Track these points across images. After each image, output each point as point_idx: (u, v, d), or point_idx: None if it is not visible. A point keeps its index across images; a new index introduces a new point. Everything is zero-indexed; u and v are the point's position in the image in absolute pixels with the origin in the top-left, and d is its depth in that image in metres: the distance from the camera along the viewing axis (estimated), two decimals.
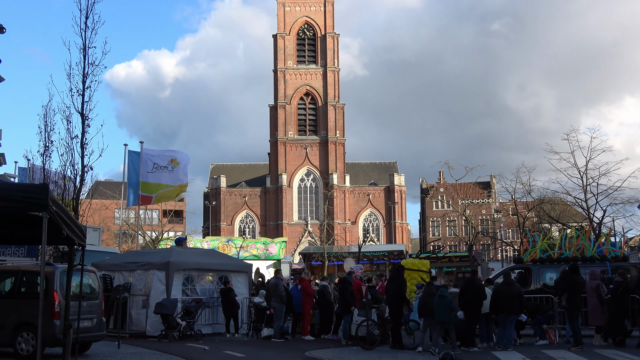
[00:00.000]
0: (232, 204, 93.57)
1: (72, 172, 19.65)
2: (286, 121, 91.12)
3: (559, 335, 18.23)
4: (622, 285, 17.51)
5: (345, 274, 22.35)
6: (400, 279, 17.61)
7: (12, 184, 7.86)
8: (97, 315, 15.44)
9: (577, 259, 20.42)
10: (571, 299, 16.67)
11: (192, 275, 21.36)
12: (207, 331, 20.73)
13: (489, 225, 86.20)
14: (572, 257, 20.78)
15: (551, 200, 49.22)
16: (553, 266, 20.45)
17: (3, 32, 20.78)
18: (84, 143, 18.96)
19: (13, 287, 15.34)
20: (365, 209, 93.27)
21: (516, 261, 23.42)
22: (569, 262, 20.18)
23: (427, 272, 21.42)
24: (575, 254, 20.99)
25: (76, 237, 9.46)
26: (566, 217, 50.59)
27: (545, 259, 21.16)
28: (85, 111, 18.86)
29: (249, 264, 25.04)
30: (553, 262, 20.82)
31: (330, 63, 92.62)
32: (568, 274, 17.11)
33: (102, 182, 73.41)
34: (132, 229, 57.07)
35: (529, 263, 21.15)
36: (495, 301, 16.93)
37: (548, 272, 19.90)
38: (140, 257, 22.50)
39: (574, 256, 20.82)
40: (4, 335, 14.19)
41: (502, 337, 16.74)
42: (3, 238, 12.61)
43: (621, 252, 21.85)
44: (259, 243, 42.39)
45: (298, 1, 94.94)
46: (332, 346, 17.99)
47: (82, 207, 22.57)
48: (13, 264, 18.75)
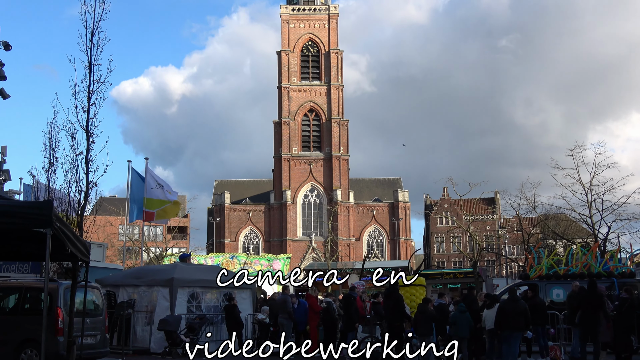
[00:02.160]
0: (236, 220, 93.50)
1: (76, 188, 19.68)
2: (290, 137, 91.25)
3: (564, 352, 18.11)
4: (627, 301, 17.43)
5: (348, 290, 22.27)
6: (395, 296, 17.55)
7: (16, 201, 7.88)
8: (100, 331, 15.43)
9: (584, 275, 20.32)
10: (585, 316, 16.53)
11: (196, 291, 21.33)
12: (212, 348, 20.65)
13: (494, 241, 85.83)
14: (579, 273, 20.69)
15: (556, 216, 49.10)
16: (560, 282, 20.36)
17: (9, 50, 20.87)
18: (88, 160, 19.01)
19: (17, 304, 15.34)
20: (370, 225, 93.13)
21: (522, 277, 23.30)
22: (576, 278, 20.13)
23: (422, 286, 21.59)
24: (582, 270, 20.90)
25: (80, 253, 9.47)
26: (571, 234, 50.44)
27: (552, 275, 21.07)
28: (90, 128, 18.92)
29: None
30: (559, 279, 20.73)
31: (334, 79, 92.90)
32: (586, 291, 16.95)
33: (107, 198, 73.42)
34: (136, 245, 57.12)
35: (536, 279, 21.05)
36: (500, 317, 16.84)
37: (555, 289, 19.81)
38: (144, 274, 22.49)
39: (580, 272, 20.73)
40: (7, 352, 14.18)
41: (507, 354, 16.62)
42: (7, 254, 12.63)
43: (628, 268, 21.76)
44: (263, 259, 42.35)
45: (302, 18, 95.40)
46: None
47: (87, 223, 22.57)
48: (17, 280, 18.75)
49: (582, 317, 16.68)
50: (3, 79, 21.23)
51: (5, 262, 23.23)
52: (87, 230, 23.34)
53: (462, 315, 16.49)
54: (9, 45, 21.05)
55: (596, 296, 16.69)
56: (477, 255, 51.61)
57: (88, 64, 18.91)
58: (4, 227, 7.86)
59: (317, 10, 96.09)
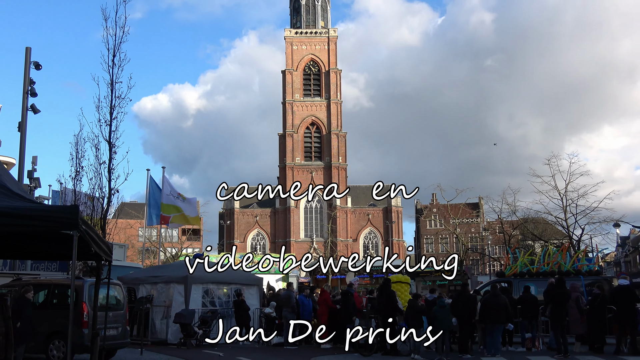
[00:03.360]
0: (245, 223, 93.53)
1: (100, 194, 19.65)
2: (293, 148, 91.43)
3: (542, 342, 18.09)
4: (599, 296, 17.41)
5: (346, 287, 22.26)
6: (388, 291, 17.53)
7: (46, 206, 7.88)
8: (122, 324, 15.41)
9: (554, 273, 20.36)
10: (555, 310, 16.52)
11: (209, 288, 21.33)
12: (222, 339, 20.64)
13: (478, 242, 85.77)
14: (549, 271, 20.76)
15: (534, 219, 49.14)
16: (531, 280, 20.42)
17: (39, 69, 20.95)
18: (110, 168, 18.96)
19: (46, 299, 15.35)
20: (366, 228, 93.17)
21: (498, 275, 23.42)
22: (547, 276, 20.20)
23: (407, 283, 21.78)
24: (552, 269, 20.95)
25: (103, 253, 9.47)
26: (548, 235, 50.44)
27: (525, 273, 21.15)
28: (112, 139, 18.89)
29: (260, 278, 24.96)
30: (532, 276, 20.81)
31: (334, 96, 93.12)
32: (554, 287, 16.97)
33: (127, 203, 73.36)
34: (154, 246, 57.09)
35: (511, 277, 21.11)
36: (483, 311, 16.85)
37: (529, 284, 19.83)
38: (162, 272, 22.49)
39: (551, 270, 20.79)
40: (38, 343, 14.15)
41: (490, 344, 16.62)
42: (38, 254, 12.63)
43: (594, 267, 21.79)
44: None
45: (304, 41, 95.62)
46: (335, 353, 17.87)
47: (109, 226, 22.56)
48: (46, 278, 18.74)
49: (552, 310, 16.69)
50: (34, 95, 21.30)
51: (35, 261, 23.26)
52: (109, 232, 23.34)
53: (442, 310, 16.47)
54: (39, 65, 21.14)
55: (563, 292, 16.69)
56: (463, 254, 51.74)
57: (110, 82, 18.89)
58: (34, 229, 7.86)
59: (318, 33, 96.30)
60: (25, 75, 20.85)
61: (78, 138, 21.23)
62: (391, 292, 17.76)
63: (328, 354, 17.59)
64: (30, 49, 20.97)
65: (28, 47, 21.05)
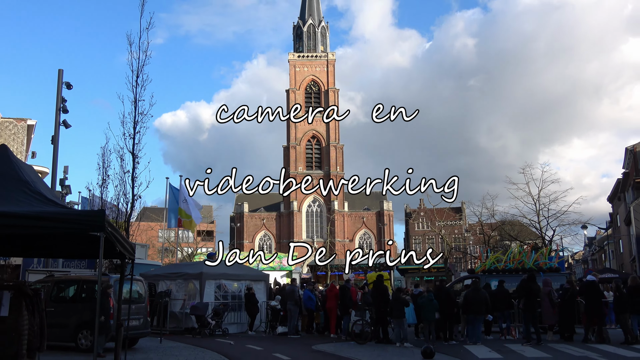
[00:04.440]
0: (253, 226, 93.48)
1: (124, 200, 19.61)
2: (296, 159, 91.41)
3: (518, 332, 18.04)
4: (569, 290, 17.39)
5: (344, 282, 22.23)
6: (381, 287, 17.51)
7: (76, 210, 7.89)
8: (143, 315, 15.38)
9: (519, 270, 20.44)
10: (527, 303, 16.48)
11: (221, 283, 21.31)
12: (233, 329, 20.60)
13: (461, 242, 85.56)
14: (514, 268, 20.86)
15: (511, 222, 49.13)
16: (497, 276, 20.42)
17: (70, 88, 20.97)
18: (134, 177, 18.88)
19: (75, 294, 15.31)
20: (360, 229, 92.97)
21: (469, 272, 23.61)
22: (511, 272, 20.35)
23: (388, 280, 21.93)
24: (517, 266, 21.02)
25: (127, 252, 9.45)
26: (523, 236, 50.39)
27: (492, 270, 21.24)
28: (135, 151, 18.82)
29: (267, 274, 24.94)
30: (498, 273, 20.85)
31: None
32: (526, 282, 16.95)
33: (149, 207, 73.23)
34: (172, 246, 56.92)
35: (480, 273, 21.15)
36: (465, 304, 16.83)
37: (493, 281, 19.85)
38: (179, 269, 22.49)
39: (515, 268, 20.87)
40: (68, 332, 14.14)
41: (472, 334, 16.58)
42: (68, 253, 12.61)
43: (554, 264, 21.80)
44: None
45: (306, 63, 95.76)
46: (334, 341, 17.82)
47: (132, 228, 22.49)
48: (76, 275, 18.72)
49: (524, 303, 16.67)
50: (65, 112, 21.31)
51: (66, 259, 23.24)
52: (132, 234, 23.25)
53: (429, 303, 16.46)
54: (70, 85, 21.16)
55: (533, 287, 16.65)
56: (447, 253, 51.63)
57: (134, 100, 18.84)
58: (65, 231, 7.84)
59: (318, 56, 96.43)
60: (58, 94, 20.89)
61: (105, 150, 21.21)
62: (384, 287, 17.74)
63: (327, 342, 17.53)
64: (62, 71, 21.01)
65: (60, 69, 21.09)
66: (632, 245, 41.32)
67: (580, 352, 13.92)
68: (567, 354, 13.70)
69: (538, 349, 14.66)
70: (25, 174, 8.38)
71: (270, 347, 15.85)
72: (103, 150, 21.37)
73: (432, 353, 12.72)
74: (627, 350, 14.18)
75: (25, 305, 8.10)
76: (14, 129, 33.65)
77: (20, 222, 7.26)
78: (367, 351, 14.71)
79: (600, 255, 69.44)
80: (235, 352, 14.64)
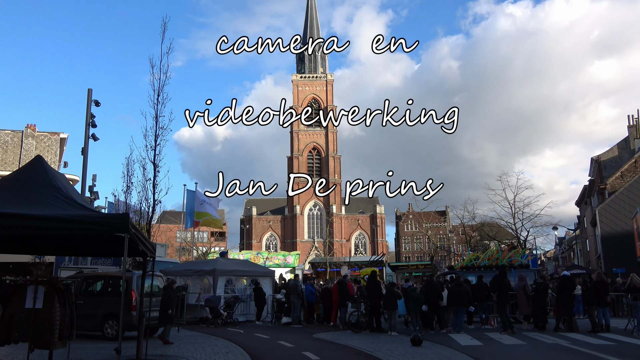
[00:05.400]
0: (260, 227, 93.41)
1: (146, 204, 19.64)
2: (299, 167, 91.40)
3: (496, 321, 17.98)
4: (542, 285, 17.34)
5: (341, 277, 22.18)
6: (375, 281, 17.46)
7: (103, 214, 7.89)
8: None
9: (493, 266, 20.46)
10: (500, 296, 16.48)
11: (231, 278, 21.25)
12: (242, 320, 20.53)
13: (445, 242, 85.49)
14: (488, 265, 20.89)
15: (489, 223, 49.11)
16: (473, 272, 20.43)
17: (99, 106, 20.99)
18: (154, 184, 18.94)
19: (102, 288, 15.29)
20: (356, 230, 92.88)
21: (449, 268, 23.70)
22: (486, 269, 20.44)
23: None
24: (491, 263, 21.06)
25: (148, 251, 9.44)
26: (501, 236, 50.36)
27: (470, 266, 21.30)
28: (156, 161, 18.88)
29: (272, 271, 24.91)
30: (475, 269, 20.89)
31: (331, 126, 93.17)
32: (498, 278, 16.92)
33: (168, 211, 73.19)
34: (189, 245, 56.87)
35: (458, 270, 21.17)
36: (449, 297, 16.79)
37: (469, 276, 19.82)
38: (194, 266, 22.44)
39: (490, 265, 20.89)
40: (96, 322, 14.11)
41: (455, 323, 16.52)
42: (96, 252, 12.59)
43: (525, 262, 21.78)
44: (279, 255, 42.13)
45: (307, 83, 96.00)
46: (332, 330, 17.75)
47: (153, 229, 22.50)
48: (102, 271, 18.68)
49: (497, 296, 16.64)
50: (94, 126, 21.32)
51: (94, 257, 23.20)
52: (153, 235, 23.26)
53: (416, 296, 16.48)
54: (98, 102, 21.17)
55: (505, 282, 16.61)
56: (433, 252, 51.59)
57: (155, 116, 18.92)
58: (93, 232, 7.84)
59: (318, 77, 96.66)
60: (87, 111, 20.91)
61: (129, 160, 21.36)
62: (377, 281, 17.69)
63: (327, 331, 17.47)
64: (91, 90, 21.03)
65: (90, 88, 21.11)
66: (598, 245, 41.25)
67: (552, 339, 13.87)
68: (541, 341, 13.65)
69: (514, 336, 14.60)
70: (58, 182, 8.38)
71: (276, 336, 15.79)
72: (127, 160, 21.48)
73: (420, 341, 12.68)
74: (593, 338, 14.14)
75: (58, 298, 8.09)
76: (48, 142, 33.68)
77: (54, 224, 7.26)
78: (362, 339, 14.64)
79: (569, 253, 69.28)
80: (244, 340, 14.58)
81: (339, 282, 19.67)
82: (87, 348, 11.84)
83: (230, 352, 11.51)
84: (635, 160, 40.15)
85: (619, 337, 14.30)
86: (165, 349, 12.02)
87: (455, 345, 12.85)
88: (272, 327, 19.51)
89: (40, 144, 33.25)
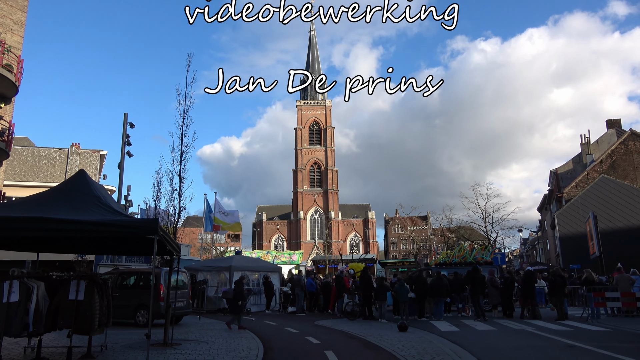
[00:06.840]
0: (270, 230, 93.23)
1: (172, 211, 19.62)
2: (302, 179, 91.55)
3: (471, 310, 17.86)
4: (509, 278, 17.26)
5: (338, 272, 22.09)
6: (367, 276, 17.39)
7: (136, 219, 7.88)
8: (186, 299, 15.26)
9: (461, 263, 20.44)
10: (473, 288, 16.40)
11: (246, 273, 21.15)
12: (254, 309, 20.41)
13: (427, 242, 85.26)
14: (458, 262, 20.85)
15: (464, 226, 49.10)
16: (446, 268, 20.45)
17: (133, 127, 21.03)
18: (180, 193, 18.96)
19: (135, 282, 15.23)
20: (351, 233, 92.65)
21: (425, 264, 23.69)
22: (456, 265, 20.39)
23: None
24: (460, 260, 21.03)
25: (174, 250, 9.41)
26: (474, 237, 50.30)
27: (443, 263, 21.29)
28: (182, 174, 18.92)
29: (280, 267, 24.79)
30: (447, 265, 20.93)
31: (329, 144, 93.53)
32: (471, 273, 16.84)
33: (191, 216, 73.00)
34: (209, 246, 56.72)
35: (432, 266, 21.13)
36: (431, 290, 16.69)
37: (443, 271, 19.74)
38: (213, 263, 22.35)
39: (459, 261, 20.85)
40: (128, 312, 14.03)
41: (436, 312, 16.42)
42: (130, 251, 12.57)
43: (489, 259, 21.69)
44: (285, 254, 41.96)
45: (309, 108, 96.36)
46: (331, 318, 17.64)
47: (178, 232, 22.49)
48: (135, 268, 18.61)
49: (470, 289, 16.55)
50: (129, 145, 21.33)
51: (128, 256, 23.15)
52: (178, 236, 23.23)
53: (402, 287, 16.42)
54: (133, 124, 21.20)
55: (478, 276, 16.51)
56: (416, 251, 51.45)
57: (180, 136, 19.00)
58: (128, 234, 7.82)
59: (319, 102, 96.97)
60: (123, 131, 20.95)
61: (158, 173, 21.35)
62: (369, 276, 17.60)
63: (326, 318, 17.36)
64: (127, 114, 21.10)
65: (126, 112, 21.18)
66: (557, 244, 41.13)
67: (519, 326, 13.77)
68: (509, 327, 13.55)
69: (486, 323, 14.49)
70: (98, 191, 8.38)
71: (282, 323, 15.69)
72: (157, 173, 21.51)
73: (405, 327, 12.59)
74: (554, 324, 14.03)
75: (97, 291, 8.05)
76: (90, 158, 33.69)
77: (95, 228, 7.24)
78: (356, 325, 14.55)
79: (533, 252, 69.06)
80: (256, 326, 14.49)
81: (336, 276, 19.58)
82: (121, 334, 11.76)
83: (243, 337, 11.42)
84: (587, 172, 40.15)
85: (576, 323, 14.20)
86: (189, 334, 11.93)
87: (436, 331, 12.75)
88: (280, 315, 19.40)
89: (83, 159, 33.27)
